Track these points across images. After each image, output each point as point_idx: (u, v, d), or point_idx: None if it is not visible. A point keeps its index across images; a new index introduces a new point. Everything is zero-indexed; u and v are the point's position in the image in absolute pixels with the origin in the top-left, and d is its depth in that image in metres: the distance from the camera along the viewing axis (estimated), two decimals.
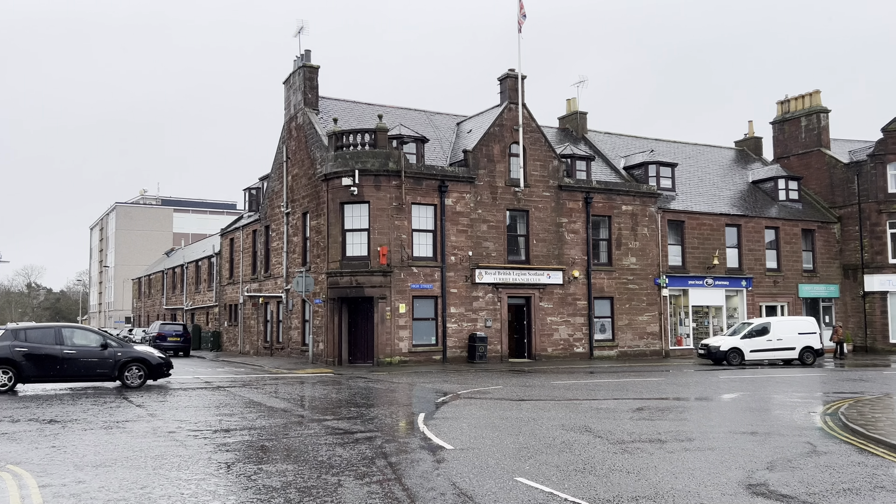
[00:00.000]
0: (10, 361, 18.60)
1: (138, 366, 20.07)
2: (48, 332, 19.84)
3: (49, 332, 19.82)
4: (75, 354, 19.36)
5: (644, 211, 34.80)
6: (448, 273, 30.02)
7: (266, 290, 36.97)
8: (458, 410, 15.03)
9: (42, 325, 21.35)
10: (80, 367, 19.42)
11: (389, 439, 11.53)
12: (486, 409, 15.31)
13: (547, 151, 32.60)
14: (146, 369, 20.18)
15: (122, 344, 20.65)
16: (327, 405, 16.09)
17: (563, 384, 21.19)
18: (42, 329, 20.23)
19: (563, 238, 32.57)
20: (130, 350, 20.45)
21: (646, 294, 34.60)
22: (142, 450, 10.51)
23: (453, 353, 29.83)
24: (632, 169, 37.17)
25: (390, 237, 28.98)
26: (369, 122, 32.60)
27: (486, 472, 9.01)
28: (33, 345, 19.03)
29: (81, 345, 19.72)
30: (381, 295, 28.67)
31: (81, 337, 20.11)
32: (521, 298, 31.77)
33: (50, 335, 19.52)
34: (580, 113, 39.80)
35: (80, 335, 20.19)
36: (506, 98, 32.08)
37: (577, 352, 32.55)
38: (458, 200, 30.47)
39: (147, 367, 20.22)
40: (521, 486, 8.32)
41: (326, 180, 29.75)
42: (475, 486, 8.29)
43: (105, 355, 19.68)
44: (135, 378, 19.92)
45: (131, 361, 20.00)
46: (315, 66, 33.02)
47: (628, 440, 11.50)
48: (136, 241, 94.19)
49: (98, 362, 19.62)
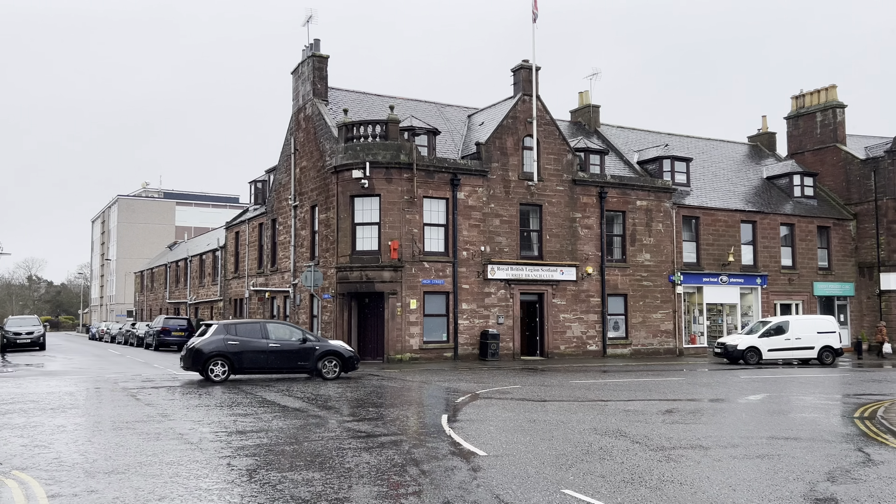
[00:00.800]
0: (224, 354, 19.82)
1: (333, 359, 20.98)
2: (255, 326, 20.88)
3: (255, 326, 20.87)
4: (279, 347, 20.44)
5: (659, 206, 34.11)
6: (460, 268, 29.36)
7: (273, 285, 36.32)
8: (481, 412, 14.39)
9: (248, 321, 22.19)
10: (283, 359, 20.49)
11: (416, 443, 10.88)
12: (509, 410, 14.67)
13: (561, 145, 31.90)
14: (340, 362, 21.05)
15: (318, 338, 21.60)
16: (344, 405, 15.45)
17: (582, 384, 20.56)
18: (249, 324, 21.16)
19: (576, 233, 31.89)
20: (326, 344, 21.33)
21: (660, 291, 33.93)
22: (155, 454, 9.87)
23: (465, 350, 29.19)
24: (646, 163, 36.47)
25: (401, 231, 28.31)
26: (379, 113, 31.92)
27: (528, 483, 8.36)
28: (243, 339, 20.19)
29: (284, 338, 20.79)
30: (391, 290, 28.01)
31: (283, 331, 21.17)
32: (534, 295, 31.11)
33: (256, 330, 20.64)
34: (592, 106, 39.08)
35: (281, 330, 21.25)
36: (519, 90, 31.37)
37: (591, 350, 31.90)
38: (470, 194, 29.79)
39: (341, 360, 21.08)
40: (571, 501, 7.67)
41: (336, 172, 29.08)
42: (521, 500, 7.64)
43: (305, 348, 20.71)
44: (331, 371, 20.85)
45: (327, 354, 20.95)
46: (324, 55, 32.29)
47: (669, 446, 10.86)
48: (138, 234, 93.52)
49: (299, 355, 20.65)
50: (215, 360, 19.74)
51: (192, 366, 20.03)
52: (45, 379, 21.07)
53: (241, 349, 19.97)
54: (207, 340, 19.95)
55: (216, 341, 19.90)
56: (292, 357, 20.55)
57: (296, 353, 20.59)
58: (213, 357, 19.74)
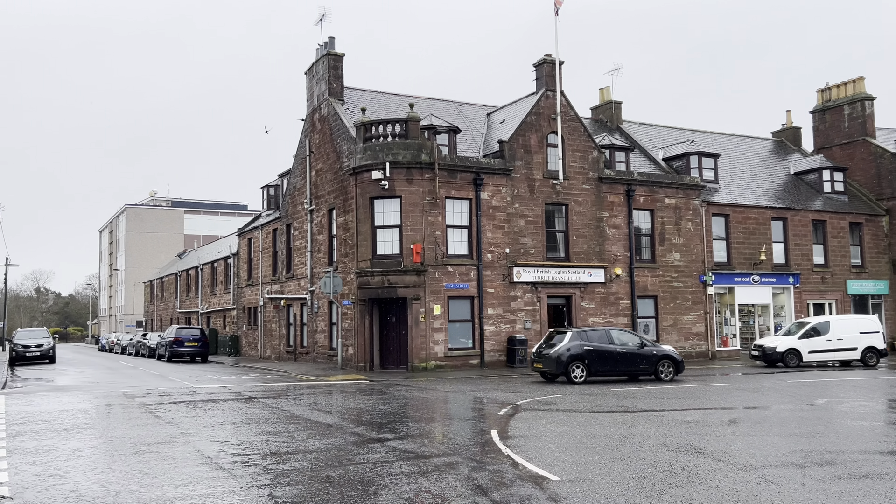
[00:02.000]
0: (582, 358, 21.34)
1: (668, 362, 22.20)
2: (602, 333, 22.25)
3: (602, 333, 22.25)
4: (625, 351, 21.86)
5: (688, 204, 32.88)
6: (484, 272, 28.18)
7: (288, 292, 35.18)
8: (531, 426, 13.18)
9: (596, 328, 23.36)
10: (628, 362, 21.88)
11: (475, 465, 9.68)
12: (561, 423, 13.46)
13: (586, 141, 30.72)
14: (674, 365, 22.25)
15: (652, 343, 22.78)
16: (379, 419, 14.27)
17: (625, 391, 19.33)
18: (598, 331, 22.46)
19: (604, 233, 30.68)
20: (661, 348, 22.62)
21: (690, 292, 32.67)
22: (184, 483, 8.71)
23: (491, 356, 27.98)
24: (671, 160, 35.25)
25: (423, 234, 27.17)
26: (397, 112, 30.82)
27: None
28: (595, 344, 21.67)
29: (626, 343, 22.13)
30: (414, 295, 26.85)
31: (625, 337, 22.49)
32: (562, 298, 29.90)
33: (603, 336, 22.06)
34: (615, 102, 37.89)
35: (623, 336, 22.57)
36: (542, 85, 30.22)
37: None
38: (494, 194, 28.63)
39: (674, 363, 22.29)
40: None
41: (354, 174, 27.97)
42: None
43: (644, 353, 22.03)
44: (667, 373, 22.05)
45: (663, 358, 22.21)
46: (340, 53, 31.22)
47: (757, 464, 9.64)
48: (146, 243, 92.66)
49: (640, 359, 21.95)
50: (576, 363, 21.35)
51: (555, 369, 21.43)
52: (57, 395, 19.96)
53: (594, 354, 21.52)
54: (567, 346, 21.48)
55: (575, 346, 21.47)
56: (635, 360, 21.92)
57: (638, 357, 21.96)
58: (573, 361, 21.32)
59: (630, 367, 21.97)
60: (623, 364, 21.83)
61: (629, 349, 21.93)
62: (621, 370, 21.96)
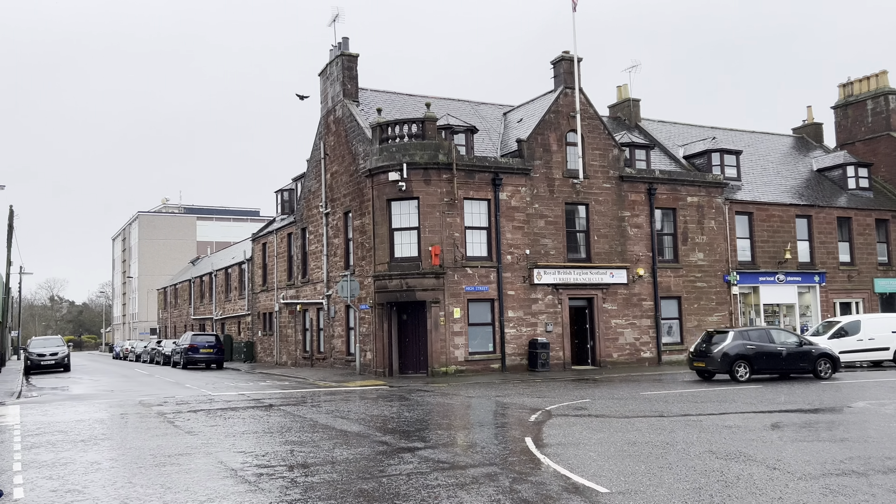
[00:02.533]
0: (746, 357, 21.91)
1: (826, 360, 22.62)
2: (762, 332, 22.86)
3: (762, 332, 22.86)
4: (786, 350, 22.35)
5: (710, 202, 32.17)
6: (504, 273, 27.59)
7: (304, 297, 34.72)
8: (566, 433, 12.59)
9: (756, 328, 23.98)
10: (789, 361, 22.34)
11: (515, 476, 9.11)
12: (596, 430, 12.86)
13: (606, 139, 30.10)
14: (831, 363, 22.62)
15: (809, 342, 23.19)
16: (406, 427, 13.72)
17: (655, 395, 18.69)
18: (757, 330, 23.08)
19: (625, 233, 30.03)
20: (818, 347, 23.11)
21: (715, 292, 31.94)
22: (209, 498, 8.18)
23: (513, 361, 27.37)
24: (692, 158, 34.55)
25: (442, 235, 26.62)
26: (412, 113, 30.30)
27: None
28: (756, 343, 22.24)
29: (785, 342, 22.62)
30: (433, 299, 26.29)
31: (783, 336, 23.00)
32: (583, 300, 29.26)
33: (763, 335, 22.65)
34: (633, 100, 37.21)
35: (782, 334, 23.12)
36: (560, 83, 29.63)
37: (645, 357, 29.94)
38: (513, 194, 28.05)
39: (832, 362, 22.67)
40: None
41: (371, 176, 27.47)
42: None
43: (803, 351, 22.53)
44: (825, 371, 22.44)
45: (822, 356, 22.66)
46: (354, 54, 30.75)
47: (816, 473, 9.01)
48: (159, 250, 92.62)
49: (799, 357, 22.45)
50: (739, 362, 21.87)
51: (719, 367, 22.06)
52: (73, 404, 19.53)
53: (756, 352, 22.06)
54: (731, 346, 22.02)
55: (738, 346, 22.02)
56: (795, 359, 22.37)
57: (797, 356, 22.41)
58: (737, 359, 21.85)
59: (790, 365, 22.43)
60: (784, 362, 22.33)
61: (789, 348, 22.45)
62: (782, 368, 22.45)
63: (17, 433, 13.66)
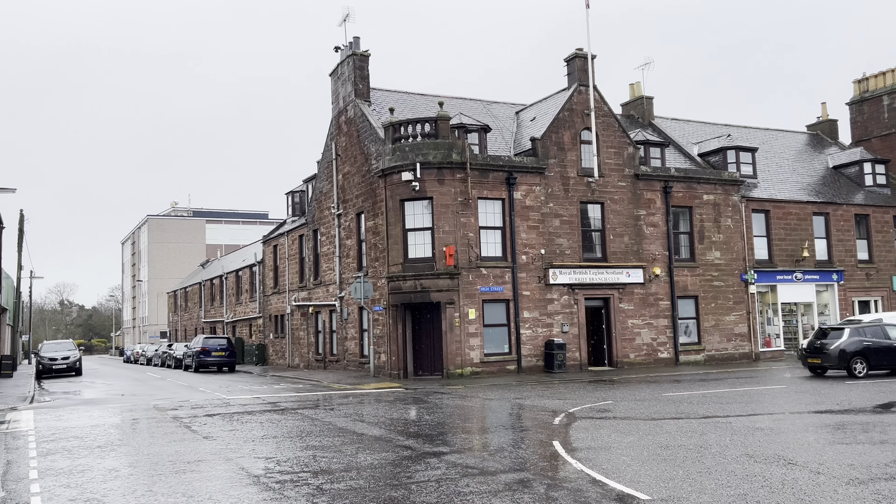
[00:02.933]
0: (863, 353, 22.19)
1: None
2: (877, 328, 22.99)
3: (878, 328, 22.98)
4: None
5: (727, 200, 31.74)
6: (520, 274, 27.24)
7: (316, 299, 34.45)
8: (594, 436, 12.25)
9: (871, 324, 23.66)
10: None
11: (550, 483, 8.78)
12: (625, 432, 12.51)
13: (621, 137, 29.72)
14: None
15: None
16: (428, 431, 13.40)
17: (678, 396, 18.32)
18: (872, 326, 23.16)
19: (641, 232, 29.64)
20: None
21: (732, 291, 31.50)
22: None
23: (528, 362, 27.02)
24: (707, 155, 34.12)
25: (456, 236, 26.30)
26: (425, 113, 30.00)
27: None
28: (872, 339, 22.53)
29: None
30: (448, 300, 25.97)
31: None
32: (599, 300, 28.88)
33: (878, 331, 22.83)
34: (646, 98, 36.80)
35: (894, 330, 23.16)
36: (574, 80, 29.29)
37: (662, 357, 29.53)
38: (527, 193, 27.71)
39: None
40: None
41: (384, 176, 27.18)
42: None
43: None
44: None
45: None
46: (366, 53, 30.48)
47: (865, 477, 8.65)
48: (168, 253, 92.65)
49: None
50: (856, 358, 22.10)
51: (836, 364, 22.34)
52: (87, 409, 19.29)
53: (873, 349, 22.31)
54: (848, 342, 22.31)
55: (854, 342, 22.31)
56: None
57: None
58: (855, 356, 22.11)
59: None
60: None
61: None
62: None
63: (32, 439, 13.41)
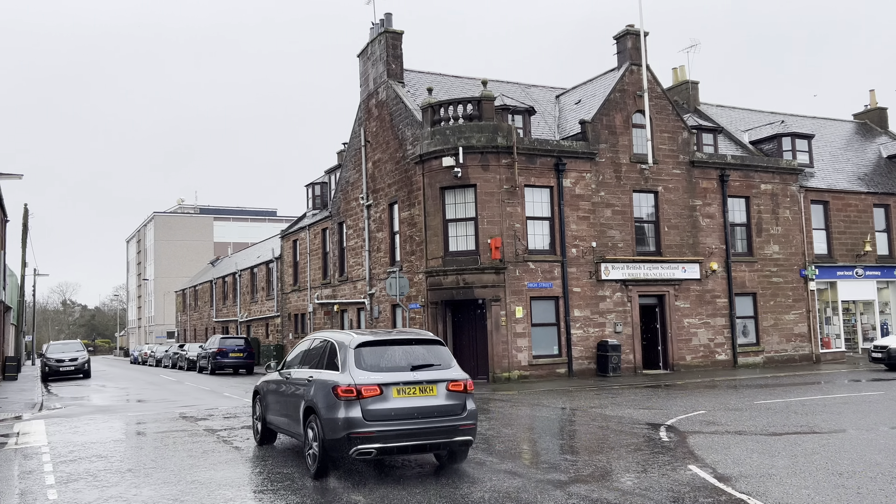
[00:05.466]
0: None
1: None
2: None
3: None
4: None
5: (785, 190, 29.52)
6: (570, 269, 25.04)
7: (342, 296, 32.24)
8: (731, 458, 10.04)
9: None
10: None
11: None
12: (764, 452, 10.32)
13: (675, 121, 27.52)
14: None
15: None
16: (513, 447, 11.23)
17: (773, 404, 16.13)
18: None
19: (697, 224, 27.43)
20: None
21: (791, 288, 29.27)
22: None
23: (580, 364, 24.82)
24: (760, 143, 31.91)
25: (501, 227, 24.10)
26: (461, 95, 27.76)
27: None
28: None
29: None
30: (493, 296, 23.77)
31: None
32: (653, 297, 26.67)
33: None
34: (691, 82, 34.54)
35: None
36: (625, 59, 27.09)
37: (719, 359, 27.31)
38: (577, 181, 25.51)
39: None
40: None
41: (421, 162, 25.00)
42: None
43: None
44: None
45: None
46: (398, 31, 28.25)
47: None
48: (175, 251, 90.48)
49: None
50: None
51: None
52: (105, 418, 17.10)
53: None
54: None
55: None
56: None
57: None
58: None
59: None
60: None
61: None
62: None
63: (48, 458, 11.23)
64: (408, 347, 9.44)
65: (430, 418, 8.88)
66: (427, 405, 8.91)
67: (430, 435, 8.87)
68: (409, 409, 8.82)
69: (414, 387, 8.93)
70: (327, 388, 9.00)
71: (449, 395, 9.07)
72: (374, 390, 8.72)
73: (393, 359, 9.18)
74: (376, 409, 8.68)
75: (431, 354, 9.44)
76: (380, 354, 9.22)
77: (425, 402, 8.93)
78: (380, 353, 9.23)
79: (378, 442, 8.61)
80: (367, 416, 8.63)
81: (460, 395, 9.15)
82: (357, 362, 9.01)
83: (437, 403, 8.99)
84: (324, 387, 9.11)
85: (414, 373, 9.04)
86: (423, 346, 9.54)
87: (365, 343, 9.28)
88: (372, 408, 8.67)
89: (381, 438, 8.62)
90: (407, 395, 8.89)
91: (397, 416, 8.73)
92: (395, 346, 9.43)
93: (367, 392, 8.70)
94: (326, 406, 8.90)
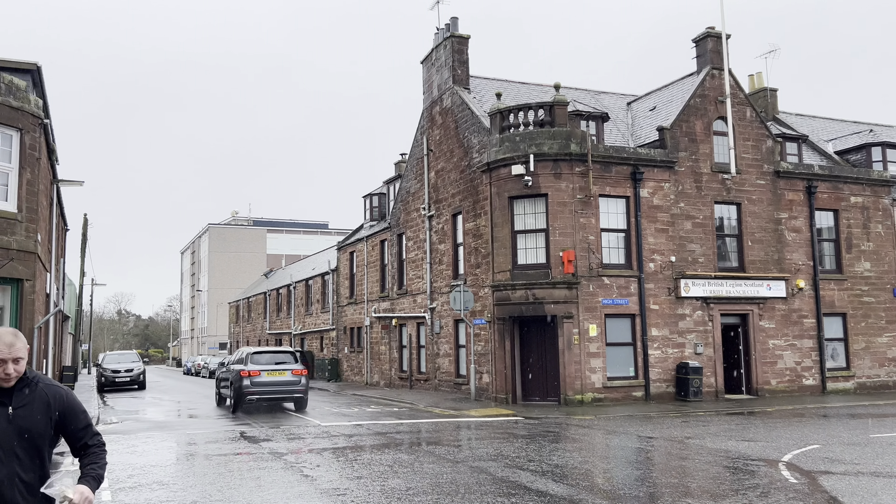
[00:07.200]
0: None
1: None
2: None
3: None
4: None
5: (876, 203, 27.46)
6: (647, 284, 23.48)
7: (401, 310, 31.18)
8: None
9: None
10: None
11: None
12: None
13: (759, 129, 25.81)
14: None
15: None
16: (628, 489, 9.83)
17: (891, 438, 14.34)
18: None
19: (782, 238, 25.60)
20: None
21: (884, 309, 27.13)
22: None
23: (657, 387, 23.18)
24: (845, 153, 29.88)
25: (574, 239, 22.71)
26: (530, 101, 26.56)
27: None
28: None
29: None
30: (565, 313, 22.36)
31: None
32: (736, 317, 24.89)
33: None
34: (770, 90, 32.62)
35: None
36: (706, 63, 25.54)
37: (807, 384, 25.34)
38: (655, 191, 23.99)
39: None
40: None
41: (489, 170, 23.83)
42: None
43: None
44: None
45: None
46: (465, 35, 27.25)
47: None
48: (229, 263, 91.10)
49: None
50: None
51: None
52: (162, 436, 16.24)
53: None
54: None
55: None
56: None
57: None
58: None
59: None
60: None
61: None
62: None
63: (105, 484, 10.27)
64: (274, 354, 21.93)
65: (282, 386, 20.90)
66: (281, 380, 20.92)
67: (282, 394, 20.96)
68: (272, 381, 20.80)
69: (274, 371, 20.94)
70: (237, 371, 20.93)
71: (292, 376, 21.02)
72: (257, 373, 20.65)
73: (267, 358, 21.38)
74: (257, 381, 20.63)
75: (285, 357, 21.89)
76: (260, 356, 21.48)
77: (280, 378, 20.92)
78: (261, 356, 21.49)
79: (257, 395, 20.73)
80: (253, 384, 20.54)
81: (298, 376, 21.07)
82: (251, 360, 21.08)
83: (285, 379, 20.99)
84: (237, 371, 21.01)
85: (276, 365, 21.13)
86: (282, 354, 22.07)
87: (255, 352, 21.61)
88: (255, 380, 20.61)
89: (258, 394, 20.72)
90: (270, 375, 20.80)
91: (266, 384, 20.65)
92: (269, 353, 21.88)
93: (254, 373, 20.64)
94: (237, 379, 20.83)
